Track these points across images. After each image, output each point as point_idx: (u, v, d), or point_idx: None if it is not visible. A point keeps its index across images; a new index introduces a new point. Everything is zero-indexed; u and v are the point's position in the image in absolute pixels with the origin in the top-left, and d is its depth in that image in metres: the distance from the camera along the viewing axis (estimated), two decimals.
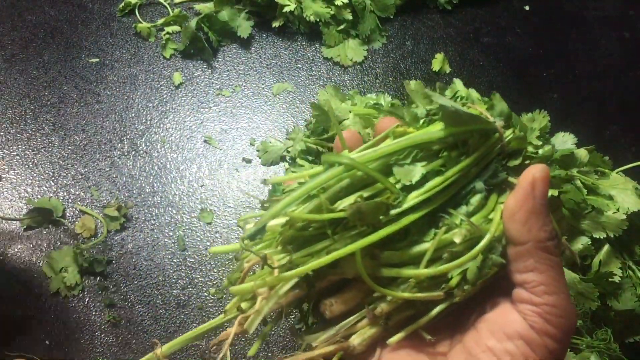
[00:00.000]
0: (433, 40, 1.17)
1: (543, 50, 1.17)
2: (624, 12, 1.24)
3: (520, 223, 0.39)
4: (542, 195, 0.39)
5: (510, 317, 0.39)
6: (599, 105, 1.11)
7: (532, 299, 0.38)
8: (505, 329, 0.38)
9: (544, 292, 0.38)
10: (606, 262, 0.79)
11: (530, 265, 0.38)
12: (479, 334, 0.39)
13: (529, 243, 0.38)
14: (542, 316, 0.38)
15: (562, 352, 0.39)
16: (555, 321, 0.38)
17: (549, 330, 0.38)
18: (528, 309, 0.38)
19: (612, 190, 0.81)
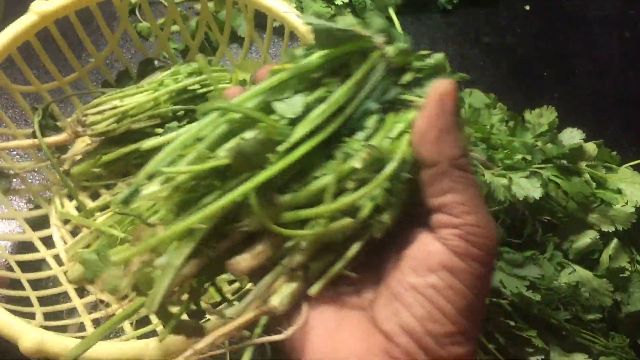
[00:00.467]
0: (433, 40, 1.17)
1: (543, 50, 1.17)
2: (624, 12, 1.24)
3: (432, 142, 0.36)
4: (452, 111, 0.36)
5: (431, 248, 0.36)
6: (599, 105, 1.11)
7: (452, 220, 0.36)
8: (427, 262, 0.36)
9: (463, 212, 0.35)
10: (615, 256, 0.79)
11: (447, 186, 0.36)
12: (401, 272, 0.37)
13: (443, 162, 0.36)
14: (464, 238, 0.35)
15: (488, 275, 0.36)
16: (478, 242, 0.35)
17: (473, 252, 0.35)
18: (449, 233, 0.36)
19: (620, 183, 0.81)
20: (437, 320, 0.35)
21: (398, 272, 0.37)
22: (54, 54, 0.91)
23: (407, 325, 0.35)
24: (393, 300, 0.36)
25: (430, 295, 0.35)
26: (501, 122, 0.89)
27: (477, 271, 0.35)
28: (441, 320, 0.35)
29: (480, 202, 0.37)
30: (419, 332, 0.35)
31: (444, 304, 0.35)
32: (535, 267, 0.74)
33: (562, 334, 0.73)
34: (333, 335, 0.37)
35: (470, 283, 0.35)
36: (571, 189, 0.78)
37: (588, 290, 0.75)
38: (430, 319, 0.35)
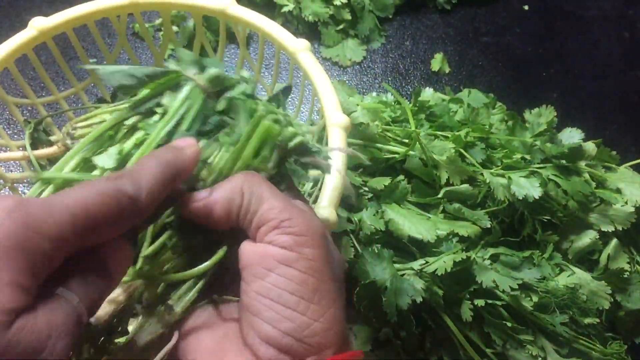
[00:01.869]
0: (432, 40, 1.17)
1: (542, 50, 1.17)
2: (623, 11, 1.24)
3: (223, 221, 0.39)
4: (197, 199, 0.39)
5: (264, 251, 0.37)
6: (598, 105, 1.11)
7: (270, 224, 0.37)
8: (264, 265, 0.36)
9: (274, 213, 0.37)
10: (614, 256, 0.78)
11: (253, 210, 0.38)
12: (246, 283, 0.37)
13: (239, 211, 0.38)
14: (286, 232, 0.36)
15: (322, 255, 0.37)
16: (298, 230, 0.36)
17: (298, 240, 0.36)
18: (273, 235, 0.37)
19: (620, 183, 0.81)
20: (288, 317, 0.35)
21: (243, 284, 0.37)
22: (50, 66, 0.91)
23: (262, 333, 0.35)
24: (246, 313, 0.36)
25: (274, 295, 0.35)
26: (500, 122, 0.88)
27: (310, 254, 0.36)
28: (292, 315, 0.35)
29: (280, 197, 0.38)
30: (274, 336, 0.35)
31: (289, 298, 0.35)
32: (532, 270, 0.74)
33: (559, 339, 0.72)
34: (211, 358, 0.37)
35: (308, 268, 0.36)
36: (571, 189, 0.77)
37: (586, 293, 0.75)
38: (281, 319, 0.35)
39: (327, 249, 0.38)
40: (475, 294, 0.72)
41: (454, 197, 0.77)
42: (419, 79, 1.11)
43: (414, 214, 0.75)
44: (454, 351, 0.72)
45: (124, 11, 0.76)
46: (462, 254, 0.70)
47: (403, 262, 0.72)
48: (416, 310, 0.71)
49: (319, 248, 0.37)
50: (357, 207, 0.75)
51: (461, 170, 0.76)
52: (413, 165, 0.78)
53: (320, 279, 0.36)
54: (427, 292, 0.68)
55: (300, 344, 0.35)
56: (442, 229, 0.72)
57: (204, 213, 0.39)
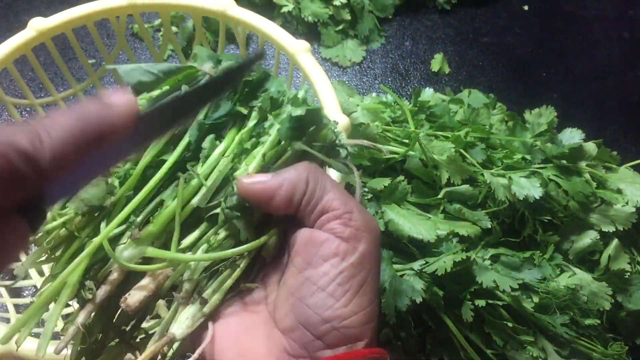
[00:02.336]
0: (432, 40, 1.17)
1: (542, 50, 1.17)
2: (623, 12, 1.24)
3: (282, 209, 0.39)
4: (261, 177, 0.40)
5: (322, 239, 0.38)
6: (598, 105, 1.11)
7: (334, 213, 0.38)
8: (319, 253, 0.37)
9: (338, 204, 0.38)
10: (615, 257, 0.78)
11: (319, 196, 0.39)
12: (296, 268, 0.38)
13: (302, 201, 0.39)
14: (347, 224, 0.38)
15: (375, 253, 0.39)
16: (358, 224, 0.38)
17: (356, 234, 0.38)
18: (334, 224, 0.38)
19: (620, 183, 0.81)
20: (330, 307, 0.36)
21: (293, 268, 0.39)
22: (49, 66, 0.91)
23: (302, 317, 0.36)
24: (289, 296, 0.38)
25: (323, 283, 0.37)
26: (501, 122, 0.88)
27: (364, 250, 0.38)
28: (335, 305, 0.36)
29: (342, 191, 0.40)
30: (314, 321, 0.36)
31: (335, 288, 0.36)
32: (532, 270, 0.73)
33: (560, 340, 0.72)
34: (238, 342, 0.39)
35: (359, 263, 0.37)
36: (571, 189, 0.77)
37: (587, 294, 0.75)
38: (324, 306, 0.36)
39: (379, 249, 0.39)
40: (476, 294, 0.71)
41: (455, 198, 0.76)
42: (419, 80, 1.11)
43: (414, 214, 0.75)
44: (454, 352, 0.72)
45: (123, 12, 0.76)
46: (462, 254, 0.70)
47: (403, 262, 0.72)
48: (416, 311, 0.71)
49: (373, 246, 0.38)
50: None
51: (462, 169, 0.76)
52: (413, 165, 0.78)
53: (368, 276, 0.38)
54: (427, 292, 0.68)
55: (336, 333, 0.36)
56: (442, 229, 0.72)
57: (266, 196, 0.39)
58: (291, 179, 0.39)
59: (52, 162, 0.28)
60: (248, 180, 0.39)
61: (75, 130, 0.29)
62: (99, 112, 0.30)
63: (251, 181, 0.39)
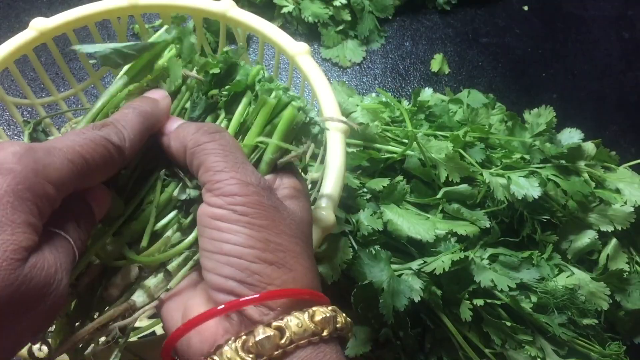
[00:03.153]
0: (432, 40, 1.17)
1: (542, 51, 1.17)
2: (622, 12, 1.24)
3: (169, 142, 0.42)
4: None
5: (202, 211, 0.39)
6: (598, 106, 1.11)
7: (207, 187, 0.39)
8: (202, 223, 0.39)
9: (210, 175, 0.39)
10: (614, 256, 0.78)
11: (197, 167, 0.40)
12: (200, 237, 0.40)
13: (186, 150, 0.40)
14: (217, 194, 0.38)
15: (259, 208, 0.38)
16: (230, 190, 0.38)
17: (230, 200, 0.38)
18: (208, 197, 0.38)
19: (619, 183, 0.81)
20: (225, 263, 0.37)
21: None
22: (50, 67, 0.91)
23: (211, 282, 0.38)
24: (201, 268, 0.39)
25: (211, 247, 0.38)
26: (500, 122, 0.89)
27: (241, 210, 0.37)
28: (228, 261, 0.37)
29: (225, 158, 0.39)
30: (219, 282, 0.37)
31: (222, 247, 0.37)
32: (531, 270, 0.74)
33: (558, 339, 0.72)
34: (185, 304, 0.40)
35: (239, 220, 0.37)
36: (570, 188, 0.77)
37: (585, 294, 0.75)
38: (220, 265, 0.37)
39: (261, 204, 0.38)
40: (474, 294, 0.72)
41: (453, 197, 0.77)
42: (419, 80, 1.11)
43: (413, 214, 0.75)
44: (453, 351, 0.72)
45: (124, 13, 0.77)
46: (461, 253, 0.70)
47: (401, 262, 0.72)
48: (415, 311, 0.71)
49: (250, 205, 0.38)
50: (355, 208, 0.76)
51: (460, 167, 0.76)
52: (412, 165, 0.78)
53: (255, 229, 0.37)
54: (426, 292, 0.69)
55: (241, 285, 0.37)
56: (440, 228, 0.73)
57: (165, 144, 0.42)
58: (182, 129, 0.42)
59: (129, 149, 0.39)
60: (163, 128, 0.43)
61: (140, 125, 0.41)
62: (152, 109, 0.42)
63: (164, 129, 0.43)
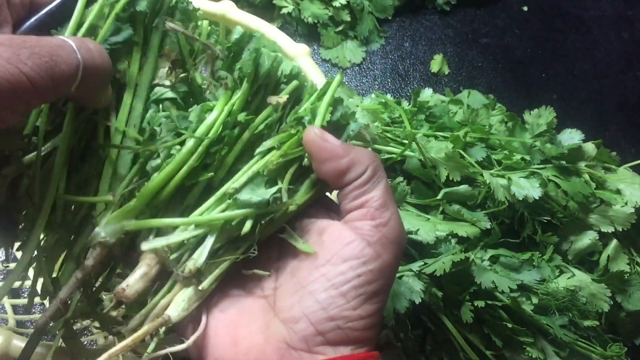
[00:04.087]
0: (431, 41, 1.17)
1: (542, 51, 1.17)
2: (622, 12, 1.24)
3: (333, 175, 0.39)
4: (334, 139, 0.40)
5: (347, 239, 0.38)
6: (598, 106, 1.11)
7: (371, 213, 0.38)
8: (341, 253, 0.37)
9: (381, 205, 0.38)
10: (614, 257, 0.78)
11: (368, 188, 0.39)
12: (313, 264, 0.38)
13: (367, 169, 0.39)
14: (379, 229, 0.38)
15: (395, 266, 0.39)
16: (391, 234, 0.38)
17: (385, 243, 0.37)
18: (365, 225, 0.38)
19: (619, 184, 0.81)
20: (339, 306, 0.36)
21: (309, 263, 0.38)
22: None
23: (309, 310, 0.36)
24: (300, 289, 0.38)
25: (337, 281, 0.36)
26: (500, 123, 0.88)
27: (387, 261, 0.38)
28: (345, 306, 0.36)
29: (390, 197, 0.39)
30: (319, 316, 0.36)
31: (349, 289, 0.36)
32: (532, 271, 0.74)
33: (559, 341, 0.72)
34: (234, 330, 0.38)
35: (379, 271, 0.37)
36: (570, 189, 0.77)
37: (586, 295, 0.75)
38: (333, 304, 0.36)
39: (399, 262, 0.39)
40: (475, 295, 0.72)
41: (454, 198, 0.77)
42: (419, 80, 1.11)
43: (413, 215, 0.75)
44: (454, 353, 0.72)
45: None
46: (461, 254, 0.70)
47: (402, 264, 0.72)
48: (416, 313, 0.71)
49: (396, 259, 0.38)
50: None
51: (460, 166, 0.76)
52: (412, 166, 0.78)
53: (384, 284, 0.38)
54: (426, 293, 0.68)
55: (340, 332, 0.36)
56: (441, 229, 0.72)
57: (326, 156, 0.39)
58: (357, 156, 0.39)
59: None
60: (319, 132, 0.40)
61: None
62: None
63: (322, 135, 0.39)
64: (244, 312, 0.39)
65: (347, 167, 0.39)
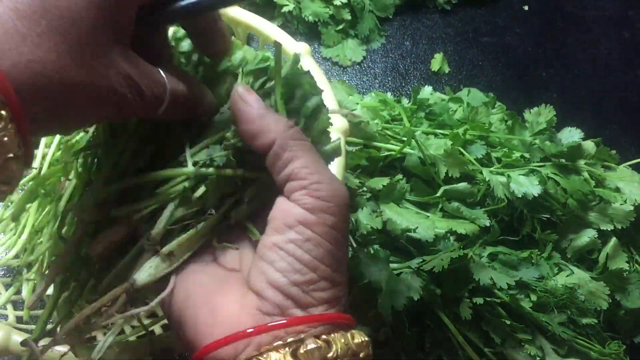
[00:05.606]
0: (432, 40, 1.17)
1: (542, 50, 1.17)
2: (623, 12, 1.24)
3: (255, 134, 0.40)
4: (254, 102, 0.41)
5: (287, 208, 0.39)
6: (598, 105, 1.11)
7: (300, 183, 0.39)
8: (285, 221, 0.39)
9: (307, 173, 0.39)
10: (613, 255, 0.78)
11: (287, 158, 0.40)
12: (265, 235, 0.40)
13: (274, 142, 0.40)
14: (312, 195, 0.39)
15: (341, 224, 0.40)
16: (325, 196, 0.39)
17: (322, 205, 0.39)
18: (299, 195, 0.39)
19: (619, 182, 0.81)
20: (298, 271, 0.38)
21: (265, 235, 0.40)
22: None
23: (272, 280, 0.38)
24: (259, 260, 0.39)
25: (290, 249, 0.38)
26: (500, 122, 0.89)
27: (330, 221, 0.39)
28: (302, 270, 0.38)
29: (319, 161, 0.41)
30: (283, 284, 0.38)
31: (302, 255, 0.38)
32: (530, 269, 0.74)
33: (558, 339, 0.72)
34: (211, 300, 0.40)
35: (325, 233, 0.39)
36: (570, 187, 0.77)
37: (584, 293, 0.75)
38: (292, 271, 0.38)
39: (347, 219, 0.40)
40: (474, 292, 0.72)
41: (453, 196, 0.77)
42: (419, 79, 1.11)
43: (412, 213, 0.75)
44: (452, 350, 0.72)
45: None
46: (460, 251, 0.70)
47: (401, 261, 0.72)
48: (415, 310, 0.71)
49: (339, 216, 0.40)
50: (354, 207, 0.76)
51: (460, 163, 0.76)
52: (412, 163, 0.78)
53: (335, 245, 0.39)
54: (425, 290, 0.69)
55: (304, 295, 0.38)
56: (440, 227, 0.72)
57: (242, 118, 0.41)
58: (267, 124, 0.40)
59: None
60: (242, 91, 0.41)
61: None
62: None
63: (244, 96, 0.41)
64: (220, 281, 0.41)
65: (255, 133, 0.40)
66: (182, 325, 0.40)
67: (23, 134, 0.32)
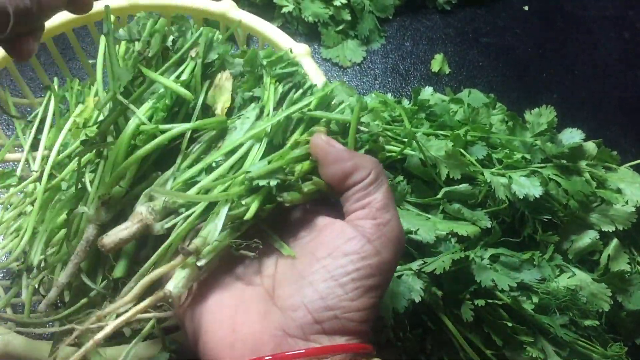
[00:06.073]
0: (432, 40, 1.17)
1: (542, 51, 1.17)
2: (623, 12, 1.24)
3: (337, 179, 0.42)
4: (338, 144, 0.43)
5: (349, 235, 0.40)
6: (598, 106, 1.11)
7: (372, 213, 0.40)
8: (342, 248, 0.39)
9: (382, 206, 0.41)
10: (615, 256, 0.78)
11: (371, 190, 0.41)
12: (315, 256, 0.40)
13: (371, 173, 0.42)
14: (380, 230, 0.40)
15: (394, 264, 0.41)
16: (390, 234, 0.40)
17: (385, 242, 0.40)
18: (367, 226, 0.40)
19: (620, 183, 0.81)
20: (338, 296, 0.38)
21: (311, 255, 0.41)
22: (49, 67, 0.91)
23: (307, 299, 0.38)
24: (300, 279, 0.39)
25: (337, 273, 0.38)
26: (501, 122, 0.88)
27: (387, 258, 0.40)
28: (343, 297, 0.38)
29: (391, 200, 0.42)
30: (319, 307, 0.38)
31: (347, 282, 0.38)
32: (532, 270, 0.73)
33: (560, 340, 0.72)
34: (232, 318, 0.40)
35: (379, 268, 0.39)
36: (571, 188, 0.77)
37: (586, 295, 0.75)
38: (332, 294, 0.38)
39: (398, 260, 0.42)
40: (475, 294, 0.71)
41: (454, 197, 0.76)
42: (419, 80, 1.11)
43: (413, 214, 0.75)
44: (454, 352, 0.72)
45: (124, 13, 0.77)
46: (461, 253, 0.70)
47: (401, 263, 0.72)
48: (416, 312, 0.71)
49: (394, 256, 0.41)
50: None
51: (461, 164, 0.76)
52: (412, 165, 0.78)
53: (382, 280, 0.40)
54: (426, 292, 0.68)
55: (336, 322, 0.38)
56: (441, 229, 0.72)
57: (331, 159, 0.43)
58: (361, 160, 0.42)
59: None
60: (325, 138, 0.43)
61: None
62: None
63: (328, 141, 0.43)
64: (243, 300, 0.41)
65: (351, 170, 0.42)
66: (200, 336, 0.40)
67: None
